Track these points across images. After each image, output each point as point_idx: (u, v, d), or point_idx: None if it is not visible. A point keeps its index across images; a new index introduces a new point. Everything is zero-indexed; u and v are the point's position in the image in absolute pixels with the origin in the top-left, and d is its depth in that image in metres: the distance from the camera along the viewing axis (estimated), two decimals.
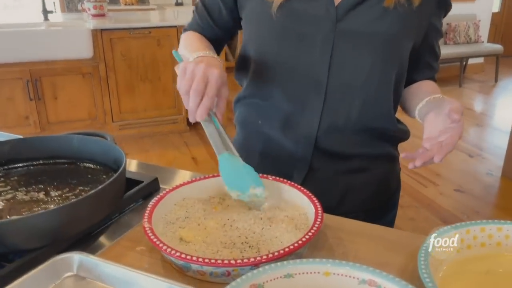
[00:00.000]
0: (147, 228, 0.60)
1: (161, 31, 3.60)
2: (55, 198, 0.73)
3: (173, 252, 0.55)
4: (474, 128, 4.14)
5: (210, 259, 0.54)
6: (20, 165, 0.83)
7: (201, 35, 0.91)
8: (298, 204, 0.70)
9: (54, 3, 4.96)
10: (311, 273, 0.53)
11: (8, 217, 0.67)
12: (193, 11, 0.94)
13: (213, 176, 0.76)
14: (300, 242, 0.57)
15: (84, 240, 0.67)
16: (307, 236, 0.58)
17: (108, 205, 0.70)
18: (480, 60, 6.05)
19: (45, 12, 3.69)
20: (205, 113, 0.67)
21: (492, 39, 6.39)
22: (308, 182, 0.84)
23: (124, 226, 0.71)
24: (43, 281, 0.57)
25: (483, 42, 5.63)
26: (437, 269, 0.56)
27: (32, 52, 3.33)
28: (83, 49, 3.44)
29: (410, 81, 0.88)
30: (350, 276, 0.52)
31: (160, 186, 0.83)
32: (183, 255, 0.55)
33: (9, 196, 0.73)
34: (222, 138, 0.71)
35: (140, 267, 0.61)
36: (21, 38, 3.29)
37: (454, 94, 5.17)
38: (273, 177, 0.74)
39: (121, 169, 0.71)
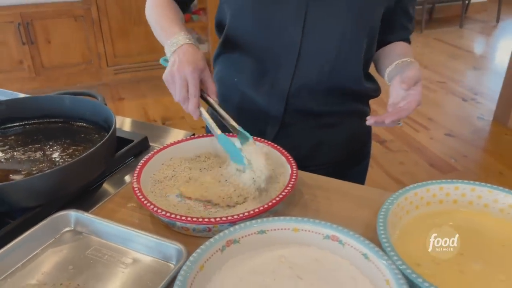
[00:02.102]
0: (135, 188, 0.66)
1: None
2: (51, 158, 0.78)
3: (159, 211, 0.62)
4: (471, 71, 4.13)
5: (192, 218, 0.60)
6: (16, 124, 0.88)
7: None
8: (274, 159, 0.75)
9: None
10: (281, 229, 0.59)
11: (10, 178, 0.72)
12: None
13: (200, 136, 0.81)
14: (273, 201, 0.63)
15: (80, 197, 0.73)
16: (280, 196, 0.64)
17: (101, 165, 0.75)
18: None
19: None
20: (196, 112, 0.74)
21: None
22: (280, 137, 0.89)
23: (117, 184, 0.77)
24: (44, 235, 0.64)
25: None
26: (395, 225, 0.62)
27: None
28: None
29: (385, 42, 0.91)
30: (316, 232, 0.58)
31: (150, 144, 0.88)
32: (167, 214, 0.61)
33: (8, 155, 0.78)
34: (219, 118, 0.76)
35: (131, 222, 0.67)
36: None
37: (454, 36, 5.09)
38: (255, 137, 0.78)
39: (111, 131, 0.76)
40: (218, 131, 0.74)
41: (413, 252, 0.59)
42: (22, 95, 1.10)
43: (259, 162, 0.69)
